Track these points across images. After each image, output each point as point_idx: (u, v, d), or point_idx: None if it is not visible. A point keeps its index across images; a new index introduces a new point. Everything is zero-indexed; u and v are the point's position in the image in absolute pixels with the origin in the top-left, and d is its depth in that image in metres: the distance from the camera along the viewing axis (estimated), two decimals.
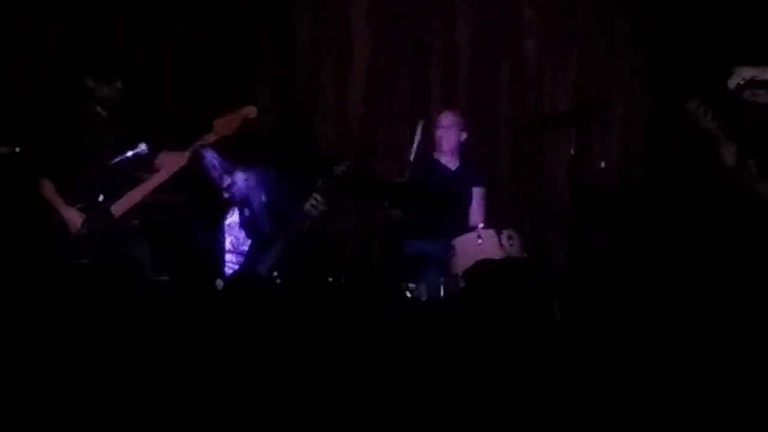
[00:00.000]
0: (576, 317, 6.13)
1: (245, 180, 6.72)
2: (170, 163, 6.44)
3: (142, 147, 6.38)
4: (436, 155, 7.14)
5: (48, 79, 7.64)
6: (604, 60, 7.79)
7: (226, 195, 6.72)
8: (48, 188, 6.36)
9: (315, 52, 7.92)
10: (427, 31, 7.91)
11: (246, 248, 6.75)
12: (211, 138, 6.44)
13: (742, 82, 6.85)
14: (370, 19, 7.91)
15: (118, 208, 6.37)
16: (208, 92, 7.78)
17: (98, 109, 6.47)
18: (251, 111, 6.47)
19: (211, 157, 6.61)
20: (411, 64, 7.88)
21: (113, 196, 6.36)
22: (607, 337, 5.65)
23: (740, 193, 6.74)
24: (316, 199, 6.56)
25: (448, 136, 7.05)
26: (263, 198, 6.71)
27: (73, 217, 6.30)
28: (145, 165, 6.49)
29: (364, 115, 7.79)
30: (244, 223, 6.76)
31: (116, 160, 6.34)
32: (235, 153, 6.77)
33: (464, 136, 7.09)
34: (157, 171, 6.44)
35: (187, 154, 6.40)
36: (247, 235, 6.76)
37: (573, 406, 4.72)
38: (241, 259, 6.76)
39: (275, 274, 6.48)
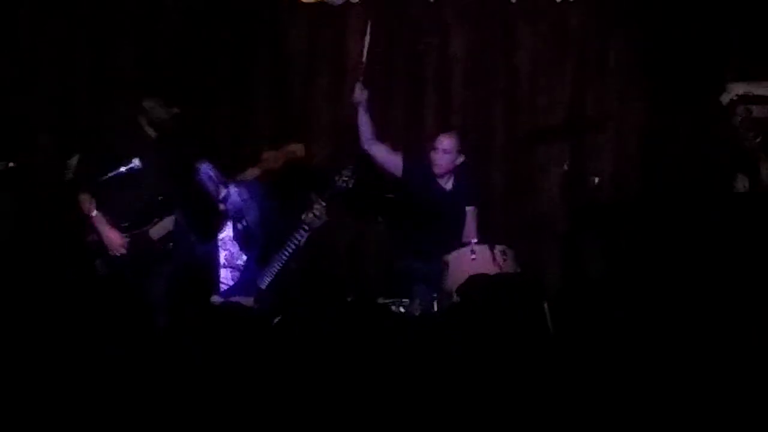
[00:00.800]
0: (571, 331, 6.13)
1: (239, 193, 6.71)
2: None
3: (136, 162, 6.39)
4: (435, 172, 7.11)
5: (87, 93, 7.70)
6: (598, 75, 7.80)
7: (221, 207, 6.71)
8: (87, 201, 6.37)
9: (310, 67, 7.92)
10: (421, 46, 7.90)
11: (241, 263, 6.74)
12: (256, 172, 6.48)
13: (735, 98, 6.90)
14: (364, 35, 7.91)
15: (157, 231, 6.40)
16: (203, 109, 7.78)
17: (147, 129, 6.50)
18: (299, 149, 6.50)
19: (206, 169, 6.62)
20: (405, 79, 7.88)
21: (107, 211, 6.36)
22: (603, 350, 5.64)
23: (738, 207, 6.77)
24: (317, 210, 6.56)
25: (445, 161, 7.01)
26: (257, 211, 6.70)
27: (114, 236, 6.32)
28: (137, 180, 6.48)
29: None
30: (237, 237, 6.75)
31: (109, 175, 6.35)
32: (231, 165, 6.79)
33: (461, 159, 7.01)
34: None
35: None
36: (241, 249, 6.75)
37: (568, 420, 4.72)
38: (236, 274, 6.74)
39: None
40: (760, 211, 6.87)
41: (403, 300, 6.62)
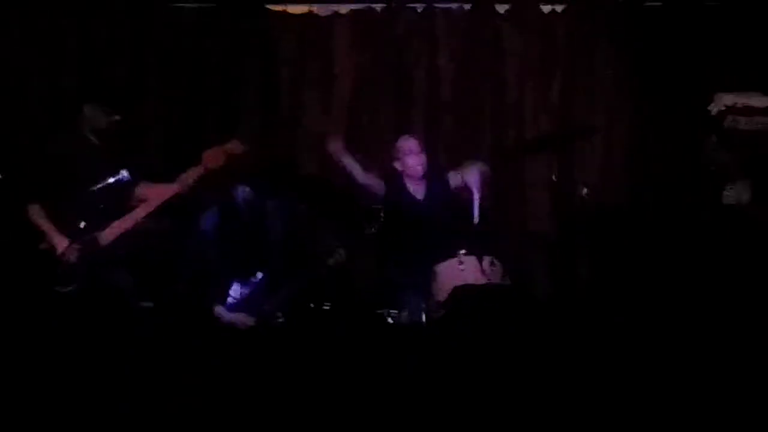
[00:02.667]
0: (560, 341, 6.14)
1: (271, 206, 6.71)
2: (158, 193, 6.47)
3: (124, 174, 6.41)
4: (406, 182, 7.13)
5: (41, 103, 7.65)
6: (586, 85, 7.81)
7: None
8: (36, 213, 6.35)
9: (298, 81, 7.92)
10: (409, 58, 7.91)
11: (254, 279, 6.70)
12: (198, 171, 6.46)
13: (723, 108, 6.90)
14: (353, 48, 7.92)
15: (106, 236, 6.36)
16: (192, 123, 7.78)
17: (90, 136, 6.48)
18: (235, 146, 6.51)
19: (242, 193, 6.63)
20: (393, 91, 7.88)
21: (95, 223, 6.35)
22: (592, 360, 5.65)
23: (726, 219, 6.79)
24: (340, 254, 6.59)
25: (416, 161, 7.05)
26: (281, 229, 6.69)
27: (62, 243, 6.28)
28: (126, 192, 6.49)
29: (347, 144, 7.78)
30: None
31: (98, 186, 6.35)
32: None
33: (424, 159, 7.08)
34: (144, 201, 6.46)
35: (175, 186, 6.43)
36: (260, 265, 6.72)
37: (558, 427, 4.73)
38: (245, 290, 6.69)
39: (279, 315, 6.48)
40: (748, 222, 6.89)
41: (392, 310, 6.62)
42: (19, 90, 7.73)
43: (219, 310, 6.54)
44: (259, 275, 6.66)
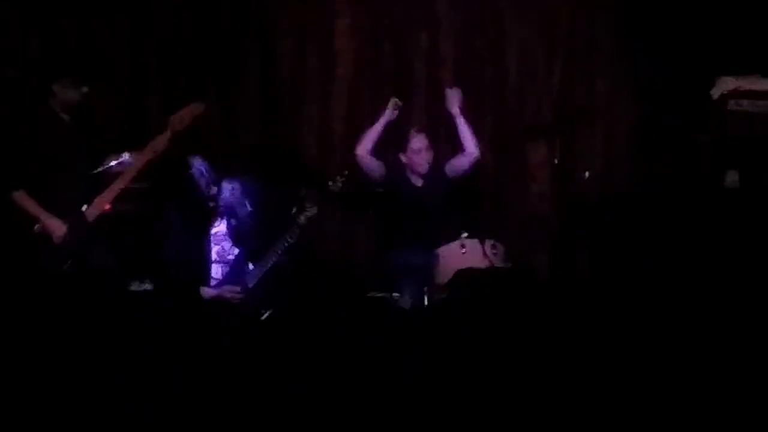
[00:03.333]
0: (560, 325, 6.13)
1: (231, 189, 6.71)
2: (134, 160, 6.41)
3: (126, 156, 6.35)
4: (407, 173, 7.15)
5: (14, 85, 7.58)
6: (587, 69, 7.80)
7: (211, 204, 6.70)
8: (23, 198, 6.31)
9: (298, 65, 7.90)
10: (409, 44, 7.89)
11: (232, 257, 6.73)
12: (167, 135, 6.41)
13: (726, 92, 6.90)
14: (353, 34, 7.90)
15: (90, 212, 6.34)
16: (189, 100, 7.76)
17: (62, 114, 6.38)
18: (198, 107, 6.46)
19: (198, 166, 6.61)
20: (393, 76, 7.87)
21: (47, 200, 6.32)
22: (592, 344, 5.64)
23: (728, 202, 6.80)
24: (309, 212, 6.58)
25: (423, 159, 7.12)
26: (249, 208, 6.70)
27: (56, 225, 6.26)
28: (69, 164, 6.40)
29: (347, 130, 7.78)
30: (230, 233, 6.74)
31: (99, 169, 6.32)
32: (222, 163, 6.77)
33: (432, 154, 7.14)
34: (119, 173, 6.40)
35: (146, 153, 6.35)
36: (234, 244, 6.74)
37: (557, 414, 4.71)
38: (226, 269, 6.73)
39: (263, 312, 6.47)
40: (749, 206, 6.89)
41: (394, 294, 6.63)
42: None
43: (204, 290, 6.55)
44: (235, 251, 6.67)
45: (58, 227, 6.24)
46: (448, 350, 5.35)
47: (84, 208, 6.28)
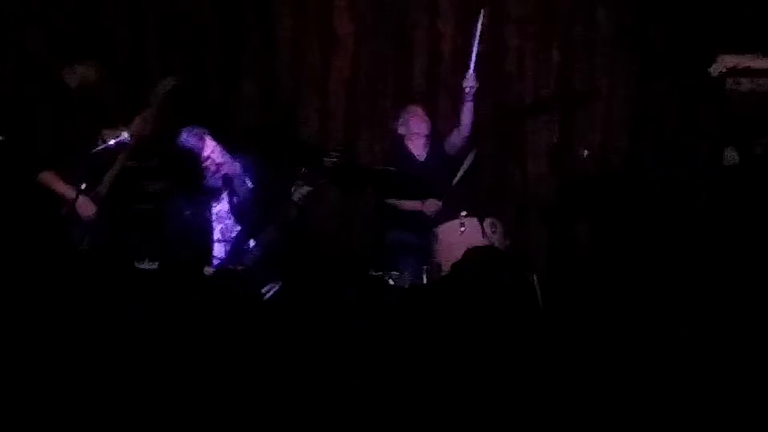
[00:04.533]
0: (558, 305, 6.14)
1: (232, 167, 6.71)
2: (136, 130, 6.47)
3: (125, 135, 6.37)
4: (408, 144, 7.16)
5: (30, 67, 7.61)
6: (587, 47, 7.78)
7: (210, 181, 6.69)
8: (53, 179, 6.33)
9: (298, 43, 7.89)
10: (409, 22, 7.88)
11: (231, 235, 6.73)
12: (149, 113, 6.46)
13: (724, 70, 6.90)
14: (353, 12, 7.88)
15: (103, 190, 6.38)
16: (192, 84, 7.75)
17: (76, 95, 6.45)
18: (170, 80, 6.55)
19: (185, 137, 6.62)
20: (394, 55, 7.86)
21: (93, 184, 6.36)
22: (590, 325, 5.65)
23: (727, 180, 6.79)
24: (305, 189, 6.57)
25: (424, 143, 7.14)
26: (249, 184, 6.69)
27: (87, 205, 6.31)
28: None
29: (347, 107, 7.78)
30: (232, 210, 6.73)
31: (99, 148, 6.34)
32: (221, 140, 6.76)
33: (430, 126, 7.16)
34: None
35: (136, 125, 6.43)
36: (236, 222, 6.73)
37: (556, 397, 4.72)
38: (228, 247, 6.72)
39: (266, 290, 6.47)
40: (749, 184, 6.89)
41: (393, 272, 6.63)
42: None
43: (207, 270, 6.55)
44: (236, 229, 6.67)
45: (88, 207, 6.29)
46: (447, 330, 5.36)
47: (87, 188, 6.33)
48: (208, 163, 6.58)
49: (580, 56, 7.78)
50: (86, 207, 6.32)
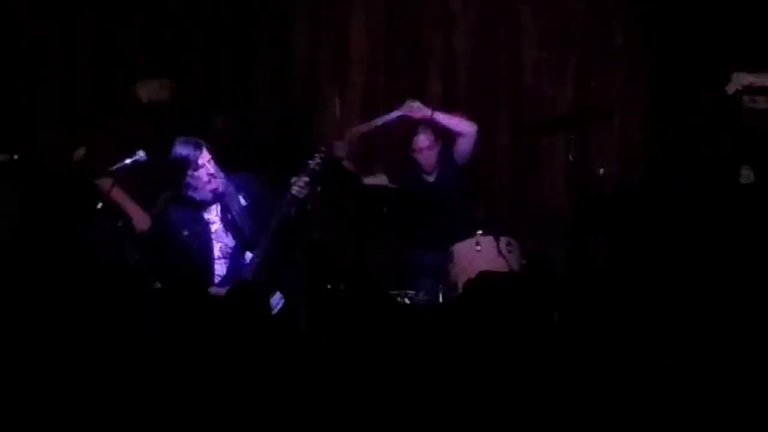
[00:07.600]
0: (575, 323, 6.12)
1: (224, 185, 6.66)
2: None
3: (141, 154, 6.38)
4: (419, 171, 7.16)
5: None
6: (603, 65, 7.78)
7: (200, 193, 6.65)
8: (111, 187, 6.37)
9: (314, 57, 7.92)
10: (425, 36, 7.89)
11: (229, 251, 6.70)
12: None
13: (740, 88, 6.87)
14: (369, 26, 7.90)
15: (158, 208, 6.49)
16: (206, 98, 7.78)
17: (145, 110, 6.65)
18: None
19: (178, 149, 6.60)
20: (409, 69, 7.87)
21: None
22: (608, 342, 5.65)
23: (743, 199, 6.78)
24: (302, 182, 6.51)
25: (429, 158, 7.09)
26: (243, 202, 6.66)
27: (142, 217, 6.35)
28: (143, 172, 6.49)
29: (362, 121, 7.80)
30: (227, 227, 6.70)
31: (115, 167, 6.35)
32: (226, 158, 6.77)
33: (438, 147, 7.11)
34: None
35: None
36: (232, 238, 6.71)
37: (571, 412, 4.71)
38: (227, 263, 6.69)
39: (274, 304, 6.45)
40: (765, 201, 6.88)
41: (409, 291, 6.63)
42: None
43: (212, 290, 6.52)
44: (232, 243, 6.65)
45: (144, 220, 6.32)
46: (463, 348, 5.36)
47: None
48: (201, 171, 6.50)
49: (596, 74, 7.78)
50: (143, 221, 6.33)
